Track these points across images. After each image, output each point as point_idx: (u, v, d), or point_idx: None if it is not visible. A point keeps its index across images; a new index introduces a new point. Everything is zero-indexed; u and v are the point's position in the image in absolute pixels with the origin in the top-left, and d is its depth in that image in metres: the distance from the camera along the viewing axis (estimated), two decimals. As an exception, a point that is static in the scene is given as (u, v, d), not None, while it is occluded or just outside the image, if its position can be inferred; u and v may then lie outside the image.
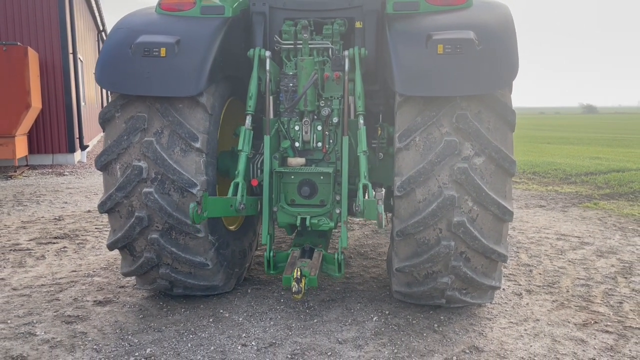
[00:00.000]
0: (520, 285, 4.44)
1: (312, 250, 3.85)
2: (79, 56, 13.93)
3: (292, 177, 3.86)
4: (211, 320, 3.68)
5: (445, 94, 3.24)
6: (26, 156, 12.43)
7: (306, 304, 3.98)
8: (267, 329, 3.55)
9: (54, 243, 5.79)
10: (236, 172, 3.67)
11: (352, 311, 3.85)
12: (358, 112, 3.75)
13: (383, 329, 3.55)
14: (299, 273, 3.38)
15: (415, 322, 3.65)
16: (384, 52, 3.90)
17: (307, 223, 3.77)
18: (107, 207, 3.56)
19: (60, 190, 9.52)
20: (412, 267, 3.43)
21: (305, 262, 3.64)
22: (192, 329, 3.53)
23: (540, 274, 4.74)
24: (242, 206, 3.59)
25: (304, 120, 3.97)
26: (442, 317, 3.72)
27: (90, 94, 17.89)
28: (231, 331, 3.51)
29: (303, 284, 3.35)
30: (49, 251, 5.46)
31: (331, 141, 4.01)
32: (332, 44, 4.08)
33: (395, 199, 3.39)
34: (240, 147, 3.72)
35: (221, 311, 3.83)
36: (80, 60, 14.75)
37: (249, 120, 3.80)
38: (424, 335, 3.46)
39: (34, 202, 8.28)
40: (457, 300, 3.63)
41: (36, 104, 11.83)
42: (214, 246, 3.69)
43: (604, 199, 8.44)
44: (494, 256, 3.37)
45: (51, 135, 13.07)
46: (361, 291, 4.26)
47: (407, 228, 3.33)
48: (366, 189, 3.48)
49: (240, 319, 3.70)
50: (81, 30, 15.49)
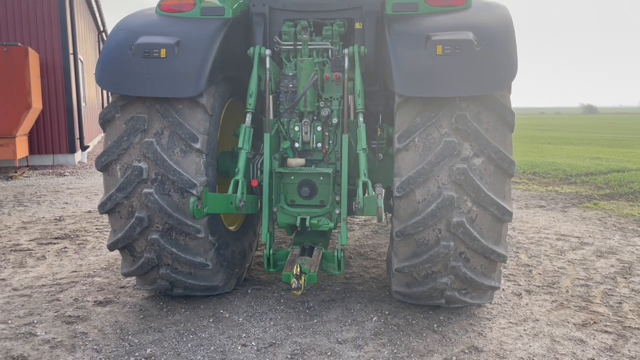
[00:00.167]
0: (519, 285, 4.45)
1: (312, 249, 3.87)
2: (79, 57, 13.94)
3: (292, 177, 3.88)
4: (211, 320, 3.69)
5: (445, 95, 3.25)
6: (27, 157, 12.44)
7: (306, 304, 3.99)
8: (267, 329, 3.56)
9: (55, 243, 5.80)
10: (236, 169, 3.68)
11: (352, 311, 3.85)
12: (358, 110, 3.76)
13: (383, 329, 3.56)
14: (298, 269, 3.40)
15: (414, 322, 3.66)
16: (383, 52, 3.91)
17: (307, 223, 3.78)
18: (108, 207, 3.57)
19: (61, 190, 9.54)
20: (412, 268, 3.44)
21: (305, 259, 3.66)
22: (192, 329, 3.54)
23: (539, 274, 4.75)
24: (242, 203, 3.60)
25: (303, 121, 3.98)
26: (441, 317, 3.72)
27: (91, 95, 17.90)
28: (231, 331, 3.52)
29: (303, 281, 3.36)
30: (49, 251, 5.47)
31: (331, 142, 4.02)
32: (331, 45, 4.09)
33: (395, 199, 3.39)
34: (240, 145, 3.73)
35: (221, 311, 3.84)
36: (81, 61, 14.77)
37: (249, 118, 3.82)
38: (424, 335, 3.47)
39: (34, 203, 8.29)
40: (456, 300, 3.63)
41: (37, 104, 11.84)
42: (214, 246, 3.70)
43: (604, 199, 8.45)
44: (493, 256, 3.38)
45: (52, 136, 13.08)
46: (361, 291, 4.26)
47: (406, 228, 3.34)
48: (366, 186, 3.49)
49: (240, 319, 3.71)
50: (82, 31, 15.50)
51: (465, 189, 3.25)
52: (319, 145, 4.02)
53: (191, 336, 3.44)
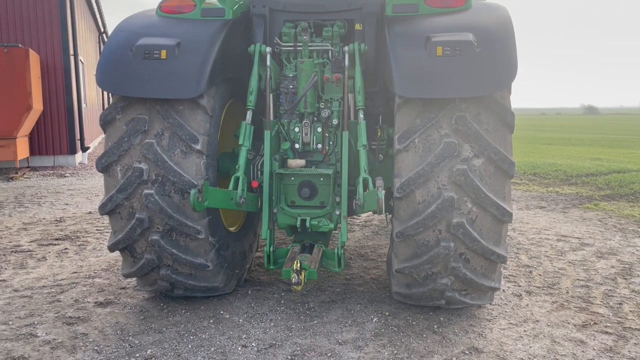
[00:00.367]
0: (520, 286, 4.45)
1: (312, 246, 3.88)
2: (80, 58, 13.94)
3: (292, 178, 3.88)
4: (211, 321, 3.70)
5: (445, 96, 3.25)
6: (27, 158, 12.45)
7: (306, 305, 3.99)
8: (268, 330, 3.56)
9: (55, 244, 5.81)
10: (237, 166, 3.69)
11: (352, 312, 3.86)
12: (358, 107, 3.77)
13: (383, 330, 3.56)
14: (298, 265, 3.41)
15: (415, 323, 3.66)
16: (383, 53, 3.92)
17: (307, 224, 3.79)
18: (108, 208, 3.57)
19: (62, 191, 9.54)
20: (412, 268, 3.44)
21: (305, 256, 3.66)
22: (193, 330, 3.55)
23: (540, 275, 4.75)
24: (242, 200, 3.61)
25: (304, 122, 3.99)
26: (441, 318, 3.72)
27: (91, 96, 17.91)
28: (231, 332, 3.52)
29: (303, 276, 3.37)
30: (50, 252, 5.48)
31: (331, 143, 4.03)
32: (331, 46, 4.09)
33: (395, 200, 3.40)
34: (240, 142, 3.74)
35: (221, 312, 3.84)
36: (81, 62, 14.78)
37: (249, 115, 3.83)
38: (424, 336, 3.47)
39: (35, 204, 8.30)
40: (456, 301, 3.63)
41: (37, 105, 11.85)
42: (215, 247, 3.70)
43: (604, 200, 8.44)
44: (493, 257, 3.38)
45: (52, 137, 13.09)
46: (361, 292, 4.27)
47: (406, 229, 3.34)
48: (366, 183, 3.49)
49: (241, 320, 3.71)
50: (82, 32, 15.51)
51: (465, 190, 3.25)
52: (319, 146, 4.02)
53: (191, 337, 3.45)
